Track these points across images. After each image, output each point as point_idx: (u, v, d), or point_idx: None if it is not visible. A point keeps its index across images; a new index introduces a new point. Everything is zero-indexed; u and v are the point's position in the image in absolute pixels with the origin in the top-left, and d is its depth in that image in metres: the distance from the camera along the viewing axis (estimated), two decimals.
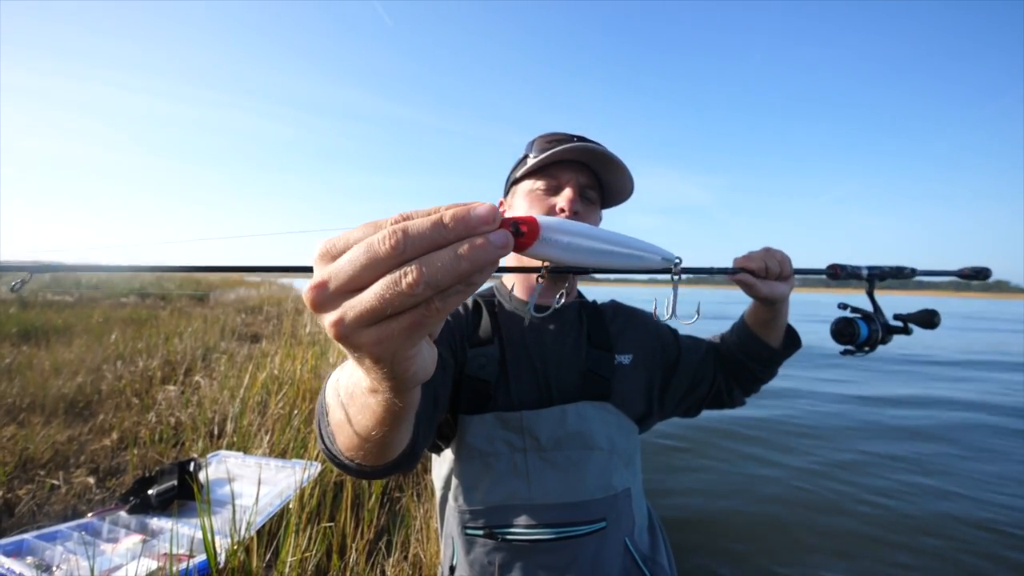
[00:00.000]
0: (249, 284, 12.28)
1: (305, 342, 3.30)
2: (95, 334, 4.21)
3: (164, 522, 1.47)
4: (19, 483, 1.78)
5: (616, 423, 0.86)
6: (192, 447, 2.10)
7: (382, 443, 0.44)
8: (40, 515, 1.62)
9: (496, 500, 0.80)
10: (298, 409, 2.21)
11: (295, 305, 6.85)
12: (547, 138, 0.86)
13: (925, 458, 3.21)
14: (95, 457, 2.06)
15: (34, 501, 1.67)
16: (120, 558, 1.31)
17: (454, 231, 0.25)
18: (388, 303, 0.25)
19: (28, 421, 2.25)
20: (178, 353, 3.70)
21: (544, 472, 0.80)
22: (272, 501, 1.51)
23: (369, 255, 0.25)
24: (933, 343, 9.78)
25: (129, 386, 2.90)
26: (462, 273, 0.25)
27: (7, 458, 1.87)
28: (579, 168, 0.84)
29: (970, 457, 3.26)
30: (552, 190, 0.84)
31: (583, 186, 0.84)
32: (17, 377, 2.78)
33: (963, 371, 6.80)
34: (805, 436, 3.61)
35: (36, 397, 2.54)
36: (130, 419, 2.40)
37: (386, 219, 0.26)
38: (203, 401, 2.53)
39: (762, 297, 0.81)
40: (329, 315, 0.26)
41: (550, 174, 0.84)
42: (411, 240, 0.25)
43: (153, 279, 10.53)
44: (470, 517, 0.80)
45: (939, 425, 4.00)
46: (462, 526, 0.81)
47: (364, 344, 0.27)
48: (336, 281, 0.26)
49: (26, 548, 1.31)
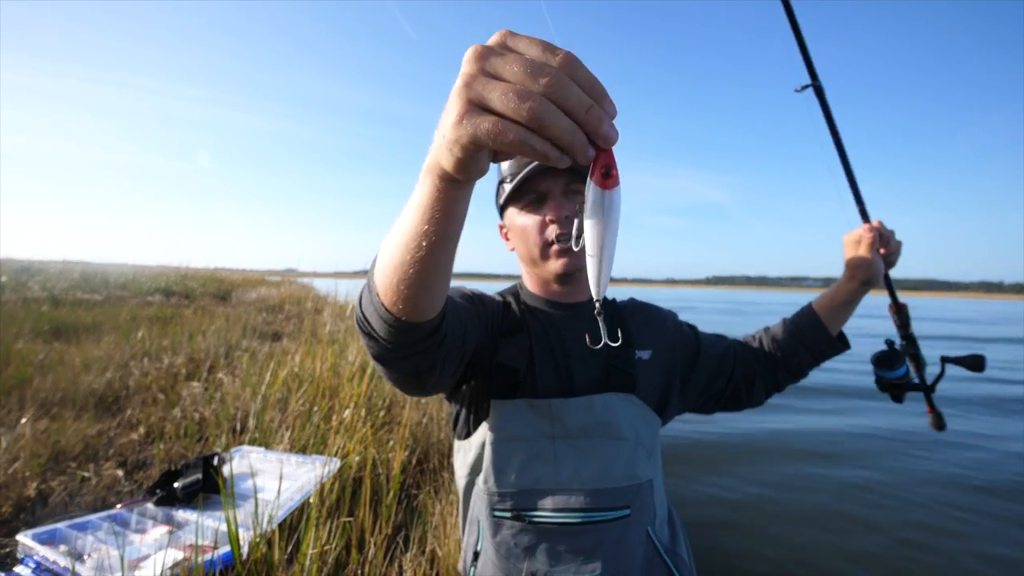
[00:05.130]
0: (270, 284, 12.47)
1: (325, 341, 3.34)
2: (123, 332, 4.33)
3: (189, 514, 1.50)
4: (52, 475, 1.83)
5: (641, 415, 0.88)
6: (215, 442, 2.14)
7: (424, 267, 0.48)
8: (72, 505, 1.66)
9: (525, 483, 0.81)
10: (318, 406, 2.24)
11: (315, 304, 6.94)
12: (515, 157, 0.87)
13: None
14: (123, 451, 2.12)
15: (66, 492, 1.72)
16: (148, 548, 1.34)
17: (594, 99, 0.32)
18: (515, 111, 0.31)
19: (60, 415, 2.32)
20: (202, 351, 3.78)
21: (572, 458, 0.81)
22: (293, 495, 1.53)
23: (532, 73, 0.31)
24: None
25: (155, 382, 2.98)
26: (569, 129, 0.32)
27: (41, 451, 1.93)
28: (555, 172, 0.83)
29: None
30: (536, 203, 0.85)
31: (566, 189, 0.84)
32: (50, 373, 2.87)
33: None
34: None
35: (67, 392, 2.61)
36: (156, 414, 2.46)
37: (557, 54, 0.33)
38: (226, 397, 2.58)
39: (873, 272, 0.90)
40: (473, 91, 0.33)
41: (530, 188, 0.85)
42: (565, 86, 0.31)
43: (178, 278, 10.79)
44: (499, 499, 0.82)
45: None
46: (490, 508, 0.82)
47: (480, 124, 0.33)
48: (500, 73, 0.33)
49: (59, 537, 1.35)
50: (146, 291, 8.87)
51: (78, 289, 7.89)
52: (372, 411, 2.31)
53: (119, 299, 7.61)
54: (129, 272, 11.49)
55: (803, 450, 3.43)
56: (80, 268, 10.95)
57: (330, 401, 2.30)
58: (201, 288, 10.08)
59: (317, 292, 10.89)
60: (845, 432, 3.84)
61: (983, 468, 3.08)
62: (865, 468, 3.08)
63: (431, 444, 2.24)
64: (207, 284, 10.79)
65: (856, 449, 3.46)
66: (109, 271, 11.22)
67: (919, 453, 3.33)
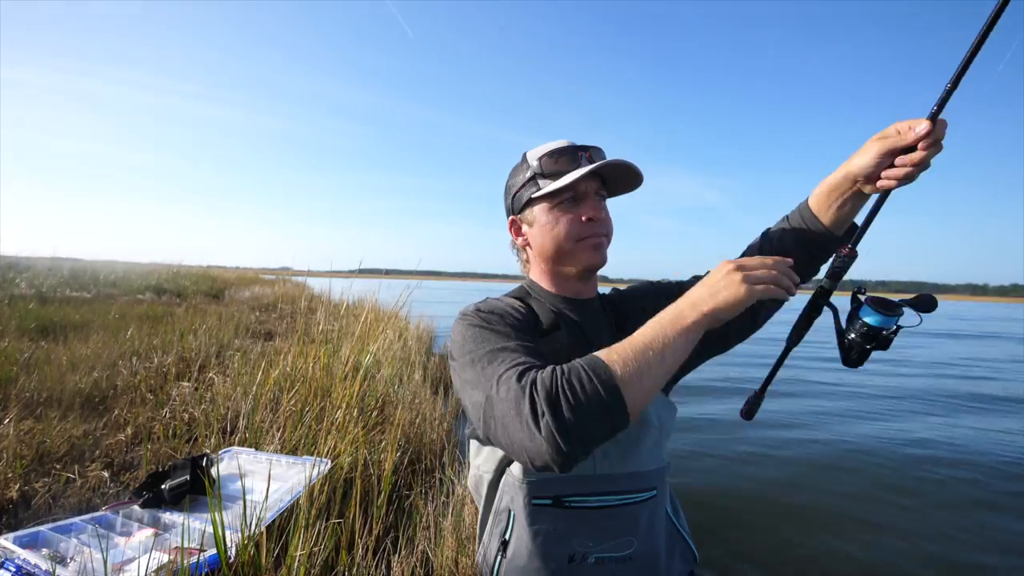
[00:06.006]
0: (264, 282, 12.39)
1: (318, 340, 3.31)
2: (112, 330, 4.28)
3: (176, 516, 1.48)
4: (36, 476, 1.80)
5: (661, 403, 0.96)
6: (205, 443, 2.12)
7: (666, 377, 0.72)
8: (56, 508, 1.64)
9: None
10: (309, 406, 2.22)
11: (308, 303, 6.90)
12: (555, 156, 0.92)
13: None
14: (110, 451, 2.09)
15: (50, 494, 1.70)
16: (133, 551, 1.32)
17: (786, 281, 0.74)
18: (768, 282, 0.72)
19: (45, 415, 2.28)
20: (193, 350, 3.74)
21: (607, 447, 0.86)
22: (283, 497, 1.51)
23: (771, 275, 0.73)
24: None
25: (144, 382, 2.94)
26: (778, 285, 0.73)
27: (24, 451, 1.90)
28: (593, 176, 0.93)
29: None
30: (572, 201, 0.93)
31: (597, 191, 0.94)
32: (35, 372, 2.83)
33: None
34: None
35: (53, 392, 2.58)
36: (145, 414, 2.44)
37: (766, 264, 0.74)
38: (216, 397, 2.55)
39: (863, 164, 0.79)
40: (756, 275, 0.72)
41: (569, 187, 0.91)
42: (776, 279, 0.73)
43: (169, 276, 10.69)
44: (538, 489, 0.87)
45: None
46: (528, 497, 0.87)
47: (756, 289, 0.71)
48: (760, 272, 0.72)
49: (42, 540, 1.33)
50: (137, 289, 8.79)
51: (67, 286, 7.81)
52: (365, 411, 2.30)
53: (109, 297, 7.55)
54: (120, 269, 11.38)
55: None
56: (70, 265, 10.83)
57: (322, 401, 2.28)
58: (193, 286, 10.00)
59: (311, 290, 10.83)
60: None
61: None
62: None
63: (424, 445, 2.23)
64: (200, 282, 10.71)
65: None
66: (99, 268, 11.11)
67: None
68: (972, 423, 4.04)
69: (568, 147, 0.92)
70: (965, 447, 3.35)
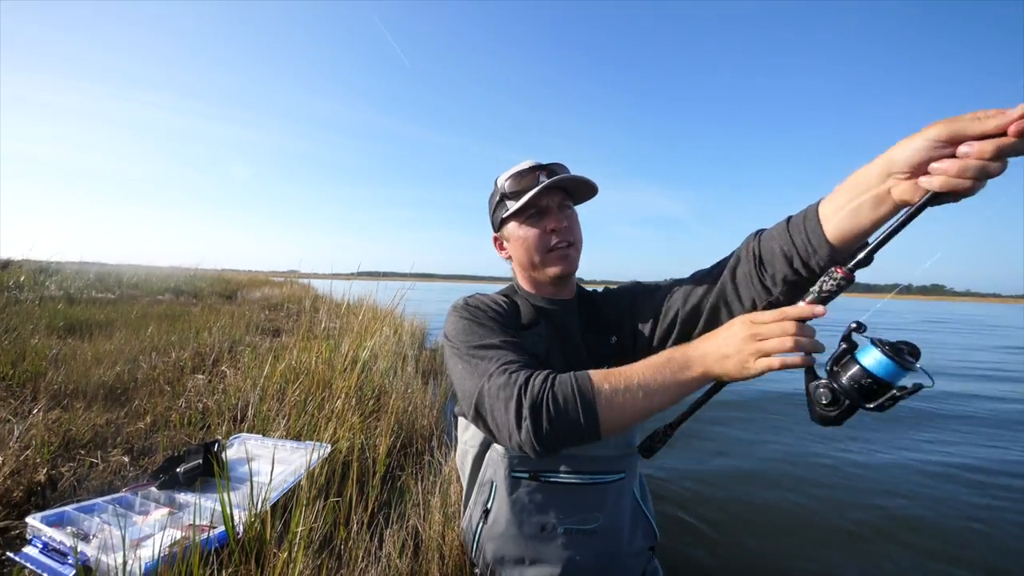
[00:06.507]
0: (273, 284, 12.62)
1: (320, 336, 3.42)
2: (133, 328, 4.44)
3: (190, 497, 1.57)
4: (62, 461, 1.91)
5: None
6: (217, 430, 2.22)
7: (653, 414, 0.75)
8: (80, 490, 1.74)
9: None
10: (312, 396, 2.32)
11: (312, 303, 7.06)
12: (516, 178, 1.01)
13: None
14: (130, 438, 2.20)
15: (75, 477, 1.80)
16: (149, 528, 1.41)
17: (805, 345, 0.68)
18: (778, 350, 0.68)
19: (71, 406, 2.40)
20: (207, 345, 3.87)
21: None
22: (286, 479, 1.60)
23: (786, 346, 0.67)
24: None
25: (162, 375, 3.07)
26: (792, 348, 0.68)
27: (52, 439, 2.01)
28: (553, 190, 1.00)
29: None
30: (537, 216, 1.01)
31: (560, 204, 1.01)
32: (63, 366, 2.97)
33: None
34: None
35: (79, 384, 2.70)
36: (162, 404, 2.54)
37: (788, 328, 0.68)
38: (228, 389, 2.66)
39: (904, 155, 0.58)
40: (770, 346, 0.68)
41: (531, 204, 0.99)
42: (793, 349, 0.67)
43: (187, 278, 10.96)
44: (519, 462, 0.97)
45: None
46: (509, 470, 0.97)
47: (769, 365, 0.68)
48: (775, 343, 0.68)
49: (66, 519, 1.41)
50: (157, 290, 9.03)
51: (93, 288, 8.06)
52: (362, 401, 2.38)
53: (131, 298, 7.76)
54: (142, 272, 11.67)
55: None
56: (96, 268, 11.15)
57: (323, 392, 2.37)
58: (209, 288, 10.22)
59: (316, 291, 11.04)
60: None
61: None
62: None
63: (415, 430, 2.32)
64: (214, 284, 10.93)
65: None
66: (123, 271, 11.41)
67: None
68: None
69: (527, 168, 1.01)
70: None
